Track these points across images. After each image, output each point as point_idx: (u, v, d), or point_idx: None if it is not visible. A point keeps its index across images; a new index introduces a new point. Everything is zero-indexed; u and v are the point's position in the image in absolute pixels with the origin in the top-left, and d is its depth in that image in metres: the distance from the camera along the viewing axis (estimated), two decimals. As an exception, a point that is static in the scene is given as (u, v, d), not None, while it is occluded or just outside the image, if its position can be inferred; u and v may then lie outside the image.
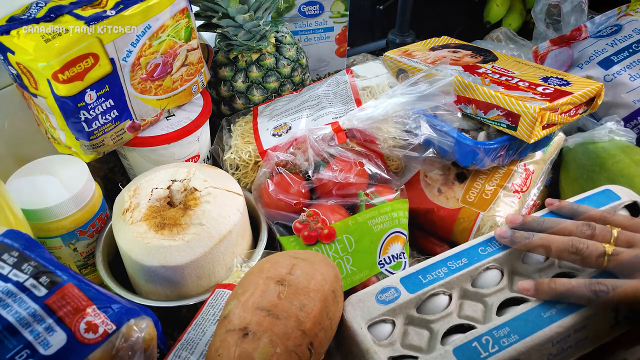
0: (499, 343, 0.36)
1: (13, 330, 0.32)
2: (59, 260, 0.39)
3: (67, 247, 0.49)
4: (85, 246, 0.50)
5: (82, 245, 0.50)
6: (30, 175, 0.49)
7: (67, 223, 0.47)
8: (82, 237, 0.49)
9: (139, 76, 0.53)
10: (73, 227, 0.48)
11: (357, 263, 0.49)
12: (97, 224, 0.51)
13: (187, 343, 0.40)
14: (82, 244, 0.50)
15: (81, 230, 0.49)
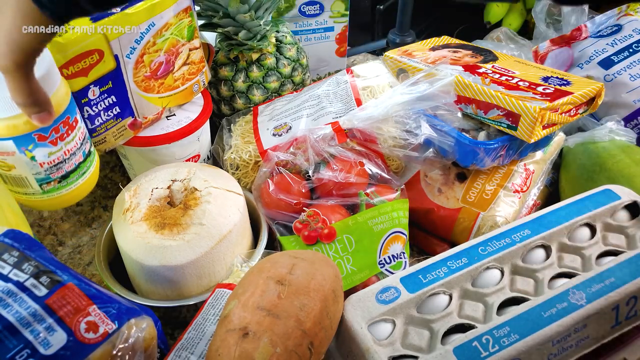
0: (499, 342, 0.36)
1: (13, 330, 0.33)
2: (12, 170, 0.37)
3: (22, 153, 0.40)
4: (47, 155, 0.40)
5: (43, 154, 0.40)
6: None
7: (21, 123, 0.38)
8: (42, 143, 0.39)
9: (142, 73, 0.53)
10: (29, 129, 0.39)
11: (357, 263, 0.49)
12: (63, 129, 0.40)
13: (188, 343, 0.40)
14: (42, 153, 0.40)
15: (40, 134, 0.39)
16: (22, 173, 0.40)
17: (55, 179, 0.41)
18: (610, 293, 0.39)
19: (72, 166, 0.41)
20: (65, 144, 0.40)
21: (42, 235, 0.59)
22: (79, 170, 0.42)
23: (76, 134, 0.41)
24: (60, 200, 0.43)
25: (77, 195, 0.43)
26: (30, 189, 0.41)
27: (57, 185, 0.41)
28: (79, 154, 0.41)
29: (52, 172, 0.41)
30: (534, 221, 0.45)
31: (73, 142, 0.40)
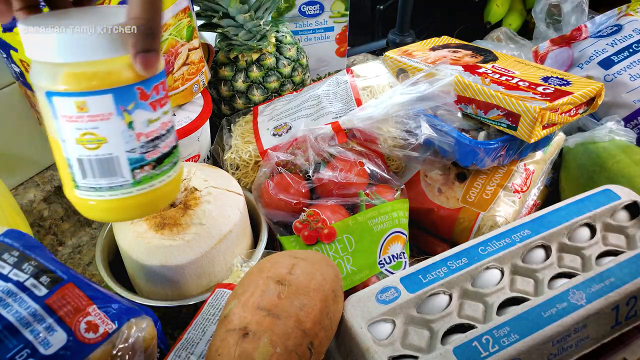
0: (499, 342, 0.36)
1: (13, 330, 0.33)
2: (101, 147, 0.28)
3: (119, 116, 0.29)
4: (146, 123, 0.30)
5: (142, 121, 0.30)
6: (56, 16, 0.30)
7: (124, 67, 0.28)
8: (143, 103, 0.30)
9: (140, 76, 0.53)
10: (133, 79, 0.29)
11: (357, 263, 0.49)
12: (162, 92, 0.31)
13: (188, 343, 0.40)
14: (142, 118, 0.30)
15: (142, 91, 0.30)
16: (114, 150, 0.29)
17: (150, 162, 0.31)
18: (610, 293, 0.39)
19: (167, 147, 0.31)
20: (163, 114, 0.30)
21: (42, 235, 0.59)
22: (172, 157, 0.32)
23: (170, 109, 0.32)
24: (152, 197, 0.31)
25: (169, 192, 0.33)
26: (119, 179, 0.30)
27: (151, 172, 0.31)
28: (173, 136, 0.32)
29: (148, 150, 0.30)
30: (534, 221, 0.45)
31: (169, 116, 0.31)
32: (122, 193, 0.31)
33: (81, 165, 0.30)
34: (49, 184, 0.59)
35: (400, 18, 0.87)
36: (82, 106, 0.28)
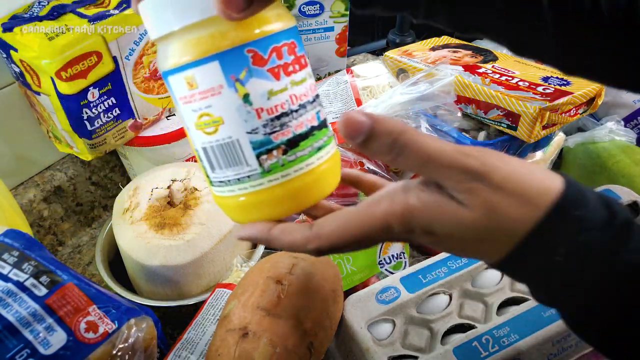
0: (499, 342, 0.36)
1: (13, 330, 0.33)
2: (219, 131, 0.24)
3: (231, 88, 0.23)
4: (266, 96, 0.24)
5: (261, 92, 0.24)
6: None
7: (226, 25, 0.23)
8: (258, 69, 0.23)
9: (142, 75, 0.53)
10: (239, 40, 0.23)
11: (357, 263, 0.49)
12: (287, 57, 0.24)
13: (187, 343, 0.40)
14: (259, 88, 0.24)
15: (255, 53, 0.23)
16: (233, 132, 0.24)
17: (278, 145, 0.24)
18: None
19: (302, 127, 0.24)
20: (293, 84, 0.24)
21: (42, 235, 0.59)
22: (313, 139, 0.25)
23: (306, 79, 0.25)
24: (288, 191, 0.25)
25: (311, 185, 0.25)
26: (246, 168, 0.24)
27: (282, 157, 0.24)
28: (312, 113, 0.25)
29: (274, 129, 0.24)
30: (534, 221, 0.45)
31: (303, 87, 0.24)
32: (252, 186, 0.25)
33: (206, 154, 0.25)
34: (48, 183, 0.59)
35: (400, 18, 0.87)
36: (192, 82, 0.24)
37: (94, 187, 0.64)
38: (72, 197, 0.61)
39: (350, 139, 0.22)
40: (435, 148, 0.21)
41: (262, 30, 0.23)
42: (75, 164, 0.61)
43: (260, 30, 0.23)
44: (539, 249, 0.20)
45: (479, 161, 0.21)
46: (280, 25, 0.24)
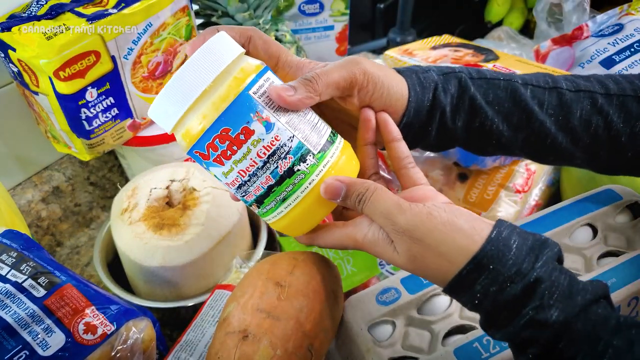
0: (499, 343, 0.36)
1: (12, 331, 0.32)
2: None
3: (208, 170, 0.31)
4: (224, 177, 0.31)
5: (220, 175, 0.31)
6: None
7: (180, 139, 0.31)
8: (208, 162, 0.31)
9: (140, 74, 0.53)
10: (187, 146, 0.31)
11: (357, 264, 0.49)
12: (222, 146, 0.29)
13: (187, 344, 0.40)
14: (217, 173, 0.31)
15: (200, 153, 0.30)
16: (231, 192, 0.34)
17: (252, 204, 0.32)
18: (612, 294, 0.38)
19: (259, 190, 0.31)
20: (235, 163, 0.30)
21: (40, 236, 0.59)
22: (275, 194, 0.31)
23: (250, 150, 0.30)
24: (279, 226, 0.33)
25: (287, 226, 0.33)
26: (255, 211, 0.33)
27: (258, 210, 0.32)
28: (266, 175, 0.30)
29: (243, 195, 0.32)
30: (535, 221, 0.45)
31: (248, 160, 0.30)
32: (265, 220, 0.33)
33: None
34: (47, 184, 0.59)
35: (401, 17, 0.87)
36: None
37: (92, 188, 0.63)
38: (71, 197, 0.61)
39: (332, 200, 0.30)
40: (382, 203, 0.29)
41: (193, 135, 0.29)
42: (73, 164, 0.61)
43: (193, 134, 0.29)
44: (461, 291, 0.27)
45: (406, 219, 0.27)
46: (207, 123, 0.29)
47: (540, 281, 0.25)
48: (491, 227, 0.27)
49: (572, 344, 0.24)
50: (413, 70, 0.34)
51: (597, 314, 0.25)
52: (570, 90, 0.35)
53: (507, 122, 0.35)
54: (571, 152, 0.36)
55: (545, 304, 0.25)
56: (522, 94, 0.34)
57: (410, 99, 0.33)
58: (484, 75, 0.35)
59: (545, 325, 0.25)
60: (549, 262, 0.26)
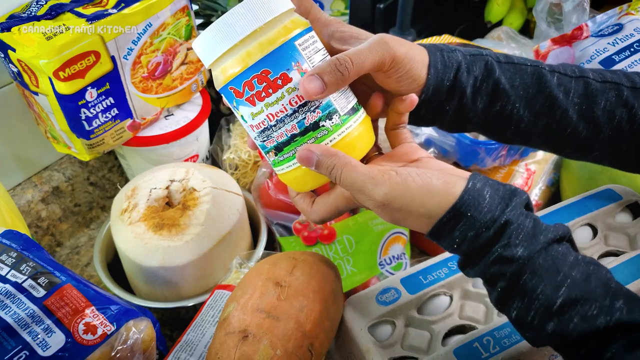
0: (500, 343, 0.36)
1: (11, 332, 0.32)
2: None
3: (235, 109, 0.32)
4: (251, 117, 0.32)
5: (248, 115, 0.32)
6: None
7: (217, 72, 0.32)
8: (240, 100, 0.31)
9: (140, 74, 0.52)
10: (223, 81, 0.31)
11: (357, 264, 0.49)
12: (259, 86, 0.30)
13: (187, 344, 0.40)
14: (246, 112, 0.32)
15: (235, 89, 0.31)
16: (251, 137, 0.34)
17: (270, 149, 0.33)
18: (612, 294, 0.38)
19: (282, 137, 0.32)
20: (267, 106, 0.31)
21: (40, 236, 0.59)
22: (295, 144, 0.32)
23: (284, 96, 0.31)
24: (288, 179, 0.34)
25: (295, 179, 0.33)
26: (269, 159, 0.34)
27: (275, 158, 0.33)
28: (292, 124, 0.31)
29: (264, 139, 0.32)
30: (535, 221, 0.45)
31: (279, 105, 0.31)
32: (276, 171, 0.34)
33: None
34: (46, 184, 0.59)
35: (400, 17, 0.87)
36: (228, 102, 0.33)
37: (92, 188, 0.63)
38: (70, 197, 0.61)
39: (307, 166, 0.31)
40: (354, 179, 0.30)
41: (233, 72, 0.30)
42: (73, 164, 0.61)
43: (232, 71, 0.30)
44: (441, 236, 0.30)
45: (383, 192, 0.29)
46: (250, 61, 0.30)
47: (508, 223, 0.28)
48: (465, 180, 0.29)
49: (534, 276, 0.27)
50: (439, 48, 0.34)
51: (558, 251, 0.28)
52: (597, 80, 0.35)
53: (528, 107, 0.34)
54: (590, 144, 0.35)
55: (512, 243, 0.27)
56: (548, 81, 0.34)
57: (430, 76, 0.33)
58: (511, 60, 0.35)
59: (511, 261, 0.28)
60: (517, 207, 0.28)
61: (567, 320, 0.27)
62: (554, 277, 0.27)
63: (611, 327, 0.26)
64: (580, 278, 0.27)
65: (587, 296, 0.27)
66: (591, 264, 0.28)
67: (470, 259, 0.29)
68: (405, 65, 0.32)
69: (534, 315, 0.28)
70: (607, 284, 0.28)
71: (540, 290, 0.27)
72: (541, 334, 0.28)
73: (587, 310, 0.27)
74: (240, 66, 0.30)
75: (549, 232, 0.28)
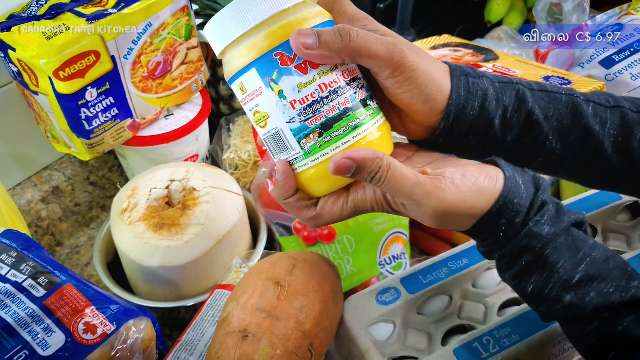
0: (500, 343, 0.36)
1: (11, 331, 0.32)
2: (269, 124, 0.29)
3: (268, 87, 0.29)
4: (296, 89, 0.29)
5: (292, 88, 0.29)
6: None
7: (259, 39, 0.28)
8: (287, 68, 0.28)
9: (140, 74, 0.53)
10: (267, 47, 0.28)
11: (357, 264, 0.49)
12: None
13: (187, 344, 0.40)
14: (290, 84, 0.29)
15: (283, 55, 0.28)
16: (277, 123, 0.29)
17: (314, 129, 0.29)
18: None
19: (334, 111, 0.29)
20: (320, 75, 0.28)
21: (40, 236, 0.59)
22: (348, 120, 0.29)
23: (337, 66, 0.29)
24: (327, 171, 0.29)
25: None
26: (292, 152, 0.30)
27: (318, 140, 0.29)
28: (345, 96, 0.29)
29: (308, 116, 0.29)
30: (535, 221, 0.45)
31: (333, 75, 0.29)
32: (300, 166, 0.30)
33: (268, 144, 0.31)
34: (47, 184, 0.59)
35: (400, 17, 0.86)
36: (242, 87, 0.30)
37: (92, 188, 0.63)
38: (70, 197, 0.61)
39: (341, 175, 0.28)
40: (401, 184, 0.28)
41: (285, 34, 0.28)
42: (73, 164, 0.61)
43: (284, 34, 0.28)
44: (485, 229, 0.29)
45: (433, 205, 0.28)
46: (307, 24, 0.28)
47: (544, 204, 0.29)
48: (499, 169, 0.30)
49: (555, 252, 0.29)
50: (464, 72, 0.32)
51: (578, 233, 0.29)
52: (633, 110, 0.33)
53: (562, 139, 0.32)
54: (622, 177, 0.34)
55: (541, 221, 0.29)
56: (584, 111, 0.33)
57: (451, 102, 0.30)
58: (544, 87, 0.33)
59: (539, 236, 0.29)
60: (547, 190, 0.30)
61: (584, 294, 0.28)
62: (575, 255, 0.29)
63: (625, 302, 0.27)
64: (600, 259, 0.29)
65: (604, 275, 0.28)
66: (609, 250, 0.30)
67: (505, 239, 0.29)
68: (418, 77, 0.29)
69: (552, 288, 0.29)
70: (624, 268, 0.29)
71: (561, 265, 0.28)
72: (556, 307, 0.29)
73: (604, 288, 0.28)
74: (296, 27, 0.27)
75: (571, 215, 0.30)
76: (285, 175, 0.30)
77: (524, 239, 0.29)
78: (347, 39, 0.28)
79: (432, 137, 0.32)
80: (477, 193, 0.28)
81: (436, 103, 0.30)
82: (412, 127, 0.32)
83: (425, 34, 0.77)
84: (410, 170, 0.28)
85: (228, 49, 0.29)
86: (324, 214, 0.31)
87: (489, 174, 0.29)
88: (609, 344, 0.28)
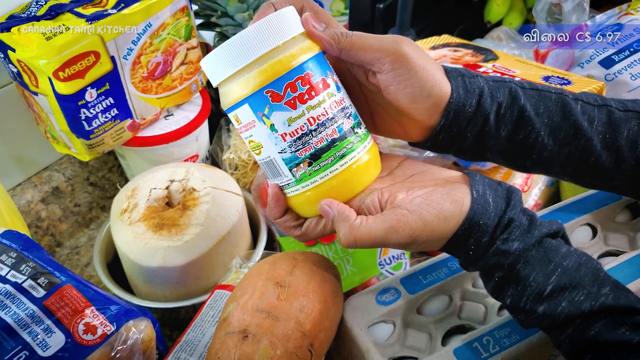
0: (499, 343, 0.36)
1: (11, 332, 0.32)
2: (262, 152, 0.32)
3: (260, 121, 0.31)
4: (287, 124, 0.31)
5: (282, 122, 0.31)
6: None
7: (245, 77, 0.31)
8: (278, 104, 0.31)
9: (140, 75, 0.53)
10: (258, 85, 0.30)
11: (357, 264, 0.49)
12: (303, 88, 0.31)
13: (186, 344, 0.40)
14: (281, 119, 0.31)
15: (273, 92, 0.31)
16: (270, 153, 0.32)
17: (304, 159, 0.31)
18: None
19: (322, 142, 0.31)
20: (309, 109, 0.31)
21: (40, 236, 0.59)
22: (335, 150, 0.31)
23: (324, 100, 0.31)
24: (318, 194, 0.32)
25: (336, 187, 0.32)
26: (285, 178, 0.33)
27: (308, 169, 0.31)
28: (333, 128, 0.31)
29: (298, 147, 0.31)
30: (534, 221, 0.45)
31: (321, 108, 0.31)
32: (292, 191, 0.33)
33: (263, 169, 0.34)
34: (46, 184, 0.59)
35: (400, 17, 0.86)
36: (237, 119, 0.32)
37: (92, 188, 0.63)
38: (70, 197, 0.61)
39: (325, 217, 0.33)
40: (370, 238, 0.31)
41: (275, 72, 0.30)
42: (73, 164, 0.61)
43: (277, 71, 0.30)
44: (455, 249, 0.32)
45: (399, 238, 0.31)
46: (294, 63, 0.30)
47: (511, 221, 0.30)
48: (468, 188, 0.31)
49: (527, 265, 0.30)
50: (460, 73, 0.33)
51: (551, 243, 0.30)
52: (619, 109, 0.34)
53: (553, 136, 0.34)
54: (612, 174, 0.35)
55: (510, 238, 0.30)
56: (572, 109, 0.34)
57: (452, 100, 0.32)
58: (535, 86, 0.34)
59: (507, 253, 0.30)
60: (517, 205, 0.31)
61: (556, 304, 0.29)
62: (546, 266, 0.30)
63: (595, 310, 0.29)
64: (572, 267, 0.30)
65: (575, 283, 0.29)
66: (583, 256, 0.31)
67: (474, 257, 0.31)
68: (417, 71, 0.31)
69: (526, 300, 0.30)
70: (597, 274, 0.30)
71: (533, 279, 0.30)
72: (532, 317, 0.30)
73: (575, 296, 0.29)
74: (286, 67, 0.30)
75: (543, 227, 0.31)
76: (275, 199, 0.34)
77: (492, 256, 0.30)
78: (342, 38, 0.31)
79: (432, 136, 0.33)
80: (443, 220, 0.30)
81: (437, 100, 0.32)
82: (411, 128, 0.34)
83: (425, 34, 0.77)
84: (377, 220, 0.31)
85: (223, 83, 0.32)
86: (308, 233, 0.34)
87: (454, 198, 0.31)
88: (583, 349, 0.29)
